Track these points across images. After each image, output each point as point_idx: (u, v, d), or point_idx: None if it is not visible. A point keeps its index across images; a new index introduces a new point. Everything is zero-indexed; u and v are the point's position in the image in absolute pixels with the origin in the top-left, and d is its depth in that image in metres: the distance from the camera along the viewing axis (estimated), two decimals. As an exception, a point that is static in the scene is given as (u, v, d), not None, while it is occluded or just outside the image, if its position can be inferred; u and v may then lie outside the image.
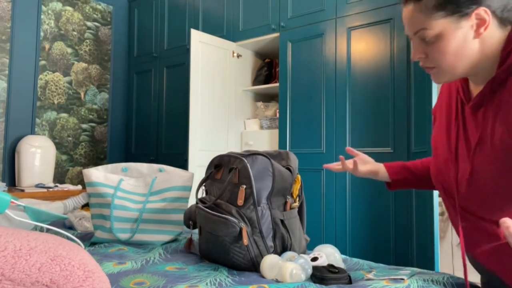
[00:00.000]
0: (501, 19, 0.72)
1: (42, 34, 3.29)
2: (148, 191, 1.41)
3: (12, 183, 3.07)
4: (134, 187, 1.43)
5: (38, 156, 2.98)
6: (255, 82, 3.11)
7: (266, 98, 3.29)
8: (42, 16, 3.30)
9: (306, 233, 1.33)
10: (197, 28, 3.20)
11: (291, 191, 1.15)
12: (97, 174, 1.41)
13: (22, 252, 0.56)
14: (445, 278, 0.95)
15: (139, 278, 0.96)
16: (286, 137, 2.64)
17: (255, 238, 1.06)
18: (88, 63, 3.62)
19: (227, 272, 1.05)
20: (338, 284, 0.92)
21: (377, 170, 1.08)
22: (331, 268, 0.97)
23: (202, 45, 2.76)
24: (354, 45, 2.38)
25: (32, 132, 3.20)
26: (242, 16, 2.94)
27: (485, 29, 0.71)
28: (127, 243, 1.35)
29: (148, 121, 3.60)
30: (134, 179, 1.46)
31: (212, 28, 3.11)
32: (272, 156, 1.22)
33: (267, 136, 2.86)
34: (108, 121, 3.76)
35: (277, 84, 2.81)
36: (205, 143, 2.76)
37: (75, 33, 3.53)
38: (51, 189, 2.85)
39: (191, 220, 1.44)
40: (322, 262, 1.03)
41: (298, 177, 1.18)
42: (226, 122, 2.93)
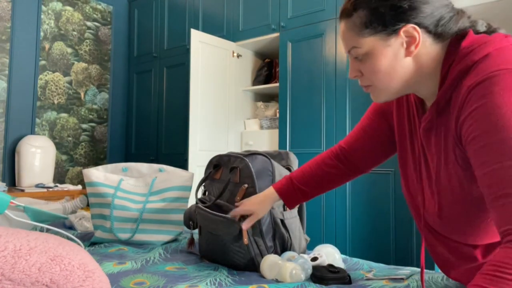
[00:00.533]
0: (436, 34, 0.68)
1: (42, 34, 3.29)
2: (148, 191, 1.41)
3: (12, 183, 3.07)
4: (134, 187, 1.43)
5: (38, 156, 2.98)
6: (255, 82, 3.11)
7: (266, 98, 3.29)
8: (42, 16, 3.30)
9: (306, 233, 1.33)
10: (197, 28, 3.20)
11: None
12: (97, 174, 1.41)
13: (22, 252, 0.56)
14: (444, 278, 0.95)
15: (139, 278, 0.96)
16: (286, 137, 2.64)
17: (255, 238, 1.06)
18: (88, 63, 3.62)
19: (227, 272, 1.05)
20: (338, 284, 0.93)
21: (264, 204, 1.01)
22: (331, 268, 0.97)
23: (202, 45, 2.76)
24: (354, 45, 2.38)
25: (32, 132, 3.20)
26: (242, 16, 2.94)
27: (416, 47, 0.68)
28: (127, 243, 1.35)
29: (148, 121, 3.60)
30: (134, 179, 1.46)
31: (212, 28, 3.11)
32: (272, 156, 1.22)
33: (267, 136, 2.86)
34: (108, 121, 3.76)
35: (277, 84, 2.81)
36: (205, 143, 2.76)
37: (75, 33, 3.53)
38: (51, 189, 2.85)
39: (192, 220, 1.44)
40: (322, 262, 1.03)
41: None
42: (226, 122, 2.93)
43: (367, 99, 2.30)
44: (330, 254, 1.08)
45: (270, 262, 0.99)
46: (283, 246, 1.11)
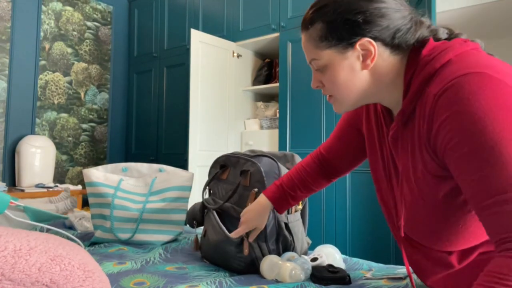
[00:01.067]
0: (394, 46, 0.69)
1: (42, 34, 3.29)
2: (148, 191, 1.41)
3: (12, 183, 3.07)
4: (134, 187, 1.43)
5: (38, 156, 2.98)
6: (255, 82, 3.11)
7: (266, 98, 3.29)
8: (42, 16, 3.30)
9: (307, 234, 1.33)
10: (197, 28, 3.20)
11: None
12: (97, 174, 1.41)
13: (22, 252, 0.56)
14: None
15: (139, 278, 0.96)
16: (286, 137, 2.64)
17: (258, 242, 1.05)
18: (88, 63, 3.62)
19: (227, 272, 1.05)
20: (338, 284, 0.93)
21: (264, 218, 1.02)
22: (330, 268, 0.97)
23: (202, 45, 2.76)
24: (354, 45, 2.38)
25: (32, 132, 3.20)
26: (242, 16, 2.94)
27: (372, 60, 0.68)
28: (127, 243, 1.35)
29: (148, 121, 3.60)
30: (134, 179, 1.46)
31: (212, 28, 3.11)
32: (277, 158, 1.21)
33: (267, 136, 2.86)
34: (108, 121, 3.76)
35: (277, 84, 2.81)
36: (205, 143, 2.76)
37: (75, 33, 3.53)
38: (51, 189, 2.85)
39: (195, 219, 1.44)
40: (322, 262, 1.04)
41: None
42: (226, 122, 2.93)
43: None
44: (330, 255, 1.08)
45: (269, 263, 0.99)
46: (285, 249, 1.10)
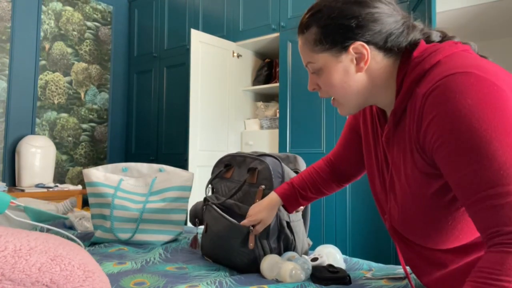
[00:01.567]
0: (387, 49, 0.71)
1: (42, 34, 3.29)
2: (148, 191, 1.41)
3: (12, 183, 3.07)
4: (134, 187, 1.43)
5: (38, 156, 2.98)
6: (255, 82, 3.11)
7: (266, 98, 3.29)
8: (42, 16, 3.30)
9: (308, 235, 1.33)
10: (197, 28, 3.20)
11: None
12: (97, 174, 1.41)
13: (22, 252, 0.56)
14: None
15: (139, 278, 0.96)
16: (286, 137, 2.64)
17: (260, 239, 1.06)
18: (88, 63, 3.62)
19: (227, 272, 1.05)
20: (338, 284, 0.93)
21: (272, 211, 1.03)
22: (330, 268, 0.97)
23: (202, 45, 2.76)
24: (354, 45, 2.38)
25: (32, 132, 3.20)
26: (242, 16, 2.94)
27: (366, 63, 0.70)
28: (127, 243, 1.35)
29: (148, 121, 3.60)
30: (134, 179, 1.46)
31: (212, 28, 3.11)
32: (280, 159, 1.22)
33: (267, 136, 2.86)
34: (108, 121, 3.76)
35: (277, 84, 2.81)
36: (205, 143, 2.76)
37: (75, 33, 3.53)
38: (51, 189, 2.85)
39: (197, 217, 1.44)
40: (322, 262, 1.04)
41: None
42: (226, 122, 2.93)
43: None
44: (331, 255, 1.08)
45: (270, 262, 0.99)
46: (287, 248, 1.11)
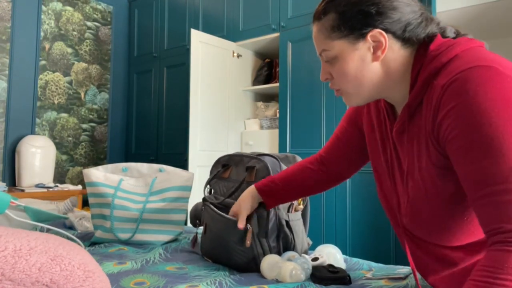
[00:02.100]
0: (404, 39, 0.70)
1: (42, 34, 3.29)
2: (148, 191, 1.41)
3: (12, 183, 3.07)
4: (134, 187, 1.43)
5: (38, 156, 2.98)
6: (255, 82, 3.11)
7: (266, 98, 3.29)
8: (42, 16, 3.30)
9: (307, 234, 1.34)
10: (197, 28, 3.20)
11: None
12: (97, 174, 1.41)
13: (22, 252, 0.56)
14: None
15: (139, 278, 0.96)
16: (286, 137, 2.64)
17: (259, 238, 1.06)
18: (88, 63, 3.62)
19: (227, 272, 1.05)
20: (338, 284, 0.93)
21: (253, 203, 1.03)
22: (330, 268, 0.97)
23: (202, 45, 2.76)
24: (354, 45, 2.38)
25: (32, 132, 3.20)
26: (242, 16, 2.94)
27: (383, 52, 0.69)
28: (127, 243, 1.35)
29: (148, 121, 3.60)
30: (134, 179, 1.46)
31: (212, 28, 3.11)
32: (279, 159, 1.23)
33: (267, 136, 2.86)
34: (108, 121, 3.76)
35: (277, 84, 2.81)
36: (205, 143, 2.76)
37: (75, 33, 3.53)
38: (51, 189, 2.85)
39: (197, 218, 1.45)
40: (322, 262, 1.04)
41: None
42: (226, 122, 2.93)
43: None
44: (331, 254, 1.08)
45: (270, 262, 0.99)
46: (286, 247, 1.11)
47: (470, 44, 0.66)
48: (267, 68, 3.06)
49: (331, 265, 0.99)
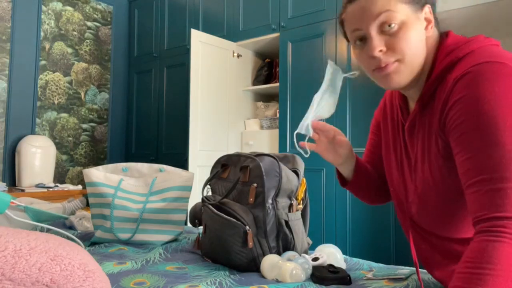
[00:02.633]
0: (436, 19, 0.73)
1: (42, 34, 3.29)
2: (148, 191, 1.41)
3: (12, 183, 3.07)
4: (134, 187, 1.43)
5: (38, 156, 2.98)
6: (255, 82, 3.11)
7: (266, 98, 3.29)
8: (42, 16, 3.30)
9: (307, 234, 1.33)
10: (197, 28, 3.20)
11: (296, 193, 1.15)
12: (97, 174, 1.41)
13: (22, 252, 0.56)
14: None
15: (139, 278, 0.96)
16: (286, 137, 2.64)
17: (259, 238, 1.06)
18: (88, 63, 3.62)
19: (227, 272, 1.05)
20: (338, 284, 0.93)
21: (352, 159, 0.93)
22: (331, 268, 0.97)
23: (202, 45, 2.76)
24: (354, 45, 2.38)
25: (32, 132, 3.20)
26: (242, 16, 2.94)
27: (432, 27, 0.72)
28: (127, 243, 1.35)
29: (148, 121, 3.60)
30: (134, 179, 1.46)
31: (212, 28, 3.11)
32: (278, 159, 1.23)
33: (267, 136, 2.86)
34: (108, 121, 3.76)
35: (277, 84, 2.81)
36: (205, 143, 2.76)
37: (75, 33, 3.53)
38: (51, 189, 2.85)
39: (197, 219, 1.45)
40: (323, 262, 1.03)
41: (303, 180, 1.19)
42: (226, 122, 2.93)
43: (367, 99, 2.30)
44: (331, 254, 1.08)
45: (270, 262, 0.99)
46: (285, 248, 1.11)
47: (487, 42, 0.68)
48: (267, 68, 3.06)
49: (331, 265, 0.99)
